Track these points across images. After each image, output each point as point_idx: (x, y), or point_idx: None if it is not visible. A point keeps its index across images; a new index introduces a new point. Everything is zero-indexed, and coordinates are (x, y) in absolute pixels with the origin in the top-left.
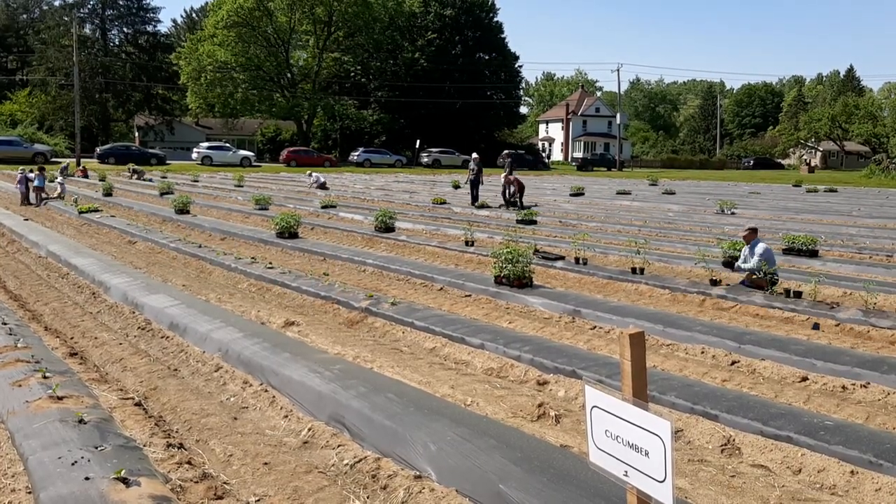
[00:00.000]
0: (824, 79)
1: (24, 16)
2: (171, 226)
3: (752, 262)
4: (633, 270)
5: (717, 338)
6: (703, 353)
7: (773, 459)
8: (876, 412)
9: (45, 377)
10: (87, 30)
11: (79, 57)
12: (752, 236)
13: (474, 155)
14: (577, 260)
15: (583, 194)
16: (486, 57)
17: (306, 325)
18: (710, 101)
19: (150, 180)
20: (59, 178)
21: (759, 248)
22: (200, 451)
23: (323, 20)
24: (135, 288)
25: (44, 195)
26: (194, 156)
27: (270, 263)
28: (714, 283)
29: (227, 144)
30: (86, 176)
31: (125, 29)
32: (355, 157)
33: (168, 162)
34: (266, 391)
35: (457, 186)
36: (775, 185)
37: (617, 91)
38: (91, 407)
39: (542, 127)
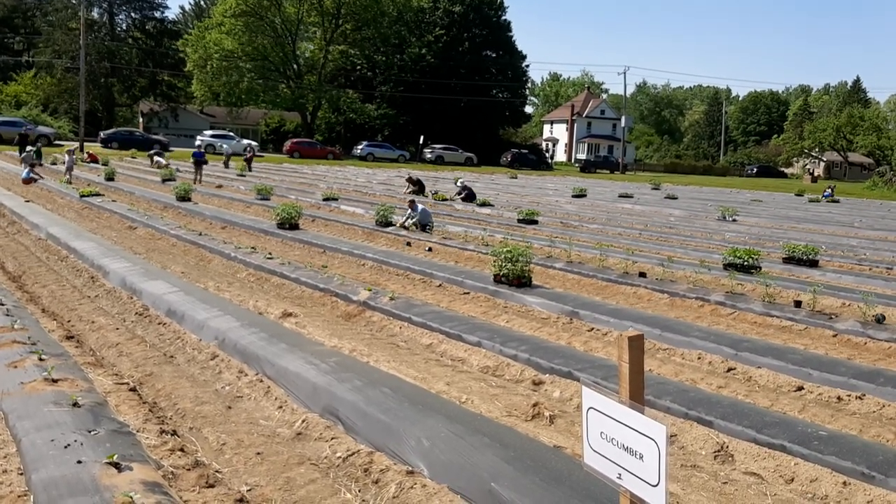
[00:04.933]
0: (831, 89)
1: None
2: (172, 213)
3: (416, 217)
4: (634, 273)
5: (715, 344)
6: (699, 358)
7: (765, 467)
8: (870, 424)
9: (40, 359)
10: (95, 14)
11: (85, 40)
12: (413, 204)
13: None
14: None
15: (585, 196)
16: (493, 55)
17: (304, 316)
18: (715, 107)
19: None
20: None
21: (420, 207)
22: (194, 438)
23: (331, 12)
24: (133, 273)
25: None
26: (198, 143)
27: (270, 254)
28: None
29: (231, 133)
30: (95, 162)
31: (133, 14)
32: (359, 151)
33: (171, 149)
34: (261, 381)
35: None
36: (778, 194)
37: (623, 94)
38: (86, 391)
39: (546, 127)
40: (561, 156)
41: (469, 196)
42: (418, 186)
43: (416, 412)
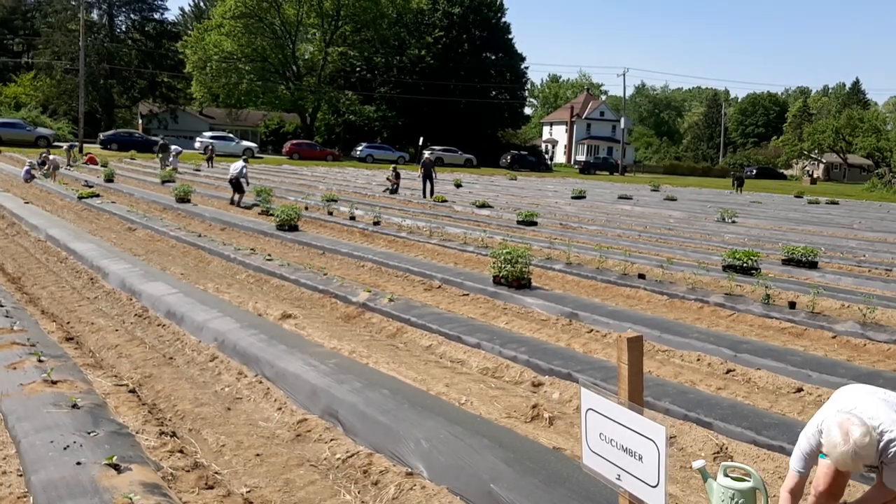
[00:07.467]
0: (829, 91)
1: None
2: (172, 214)
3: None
4: (633, 275)
5: (714, 345)
6: (698, 360)
7: (765, 469)
8: None
9: (40, 361)
10: (94, 15)
11: (85, 42)
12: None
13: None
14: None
15: (584, 198)
16: (493, 57)
17: (303, 318)
18: (714, 108)
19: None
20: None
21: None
22: (193, 440)
23: (330, 14)
24: (133, 275)
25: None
26: (197, 145)
27: (269, 255)
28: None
29: (230, 135)
30: (94, 164)
31: (132, 15)
32: (358, 153)
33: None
34: (261, 382)
35: (458, 185)
36: (777, 196)
37: (622, 95)
38: (85, 392)
39: (545, 129)
40: (560, 157)
41: (397, 178)
42: (396, 178)
43: (415, 414)
